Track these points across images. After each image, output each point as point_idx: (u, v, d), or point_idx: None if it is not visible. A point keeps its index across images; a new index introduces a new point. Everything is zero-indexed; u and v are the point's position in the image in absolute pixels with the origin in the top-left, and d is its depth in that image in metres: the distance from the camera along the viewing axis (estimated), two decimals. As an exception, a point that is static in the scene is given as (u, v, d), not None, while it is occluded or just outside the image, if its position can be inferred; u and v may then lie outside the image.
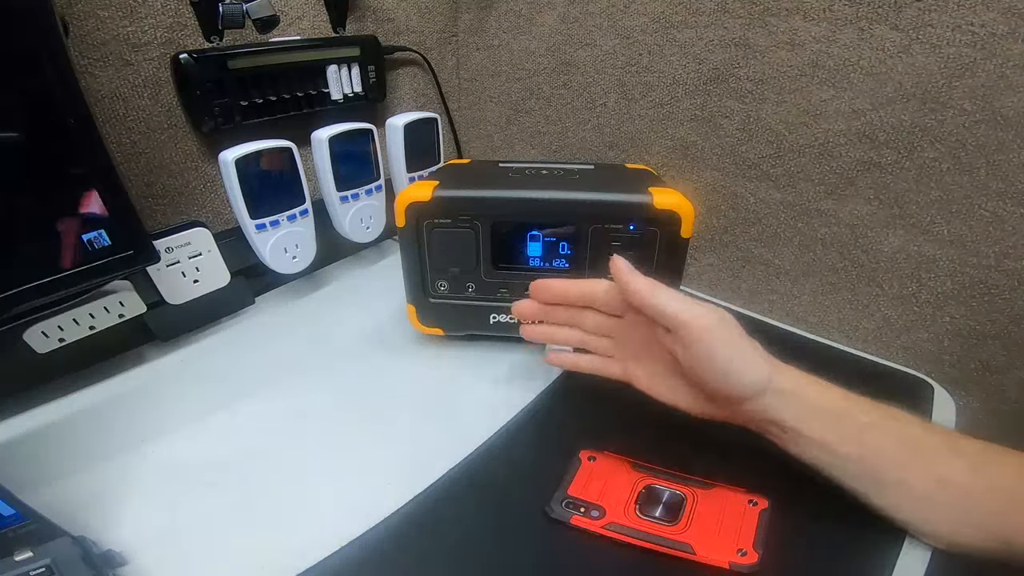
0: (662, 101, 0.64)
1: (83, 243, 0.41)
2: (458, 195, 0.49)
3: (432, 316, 0.54)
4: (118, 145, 0.51)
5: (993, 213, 0.48)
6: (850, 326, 0.60)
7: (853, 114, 0.52)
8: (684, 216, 0.46)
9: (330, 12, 0.63)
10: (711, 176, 0.63)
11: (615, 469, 0.42)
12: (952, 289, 0.53)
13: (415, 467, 0.43)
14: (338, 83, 0.64)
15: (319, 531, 0.38)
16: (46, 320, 0.46)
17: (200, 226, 0.55)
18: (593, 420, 0.48)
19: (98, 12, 0.47)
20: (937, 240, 0.52)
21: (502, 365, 0.55)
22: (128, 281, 0.50)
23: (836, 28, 0.50)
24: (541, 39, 0.71)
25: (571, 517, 0.38)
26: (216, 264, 0.57)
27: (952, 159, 0.48)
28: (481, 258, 0.51)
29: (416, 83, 0.77)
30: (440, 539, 0.38)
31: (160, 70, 0.52)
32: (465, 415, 0.49)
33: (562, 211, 0.48)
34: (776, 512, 0.38)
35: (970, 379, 0.54)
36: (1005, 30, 0.43)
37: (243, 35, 0.56)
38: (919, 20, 0.46)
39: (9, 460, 0.44)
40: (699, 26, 0.58)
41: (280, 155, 0.56)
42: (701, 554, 0.35)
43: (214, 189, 0.60)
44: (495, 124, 0.82)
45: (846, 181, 0.54)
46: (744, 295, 0.66)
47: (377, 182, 0.66)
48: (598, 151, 0.72)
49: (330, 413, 0.49)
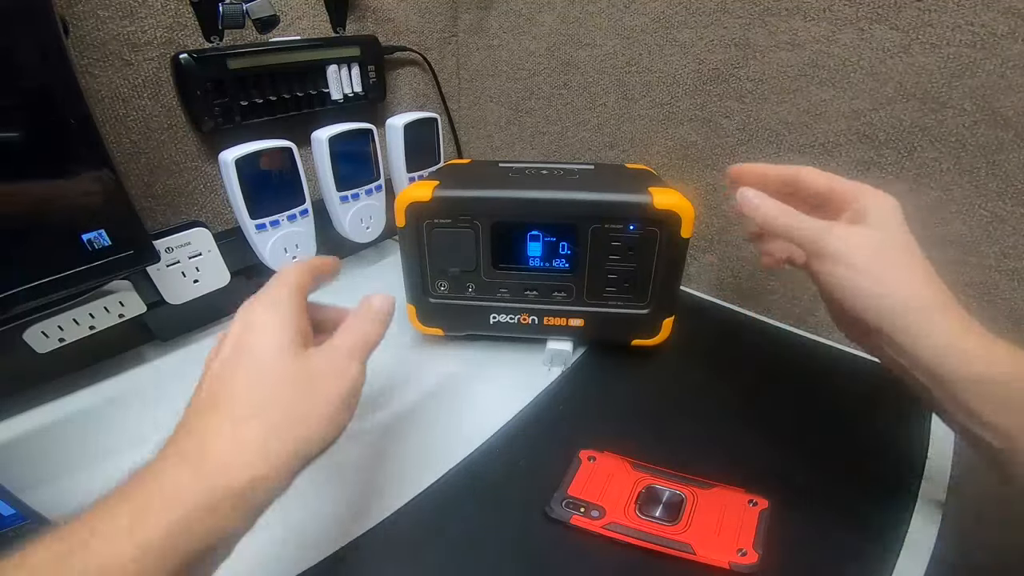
0: (662, 101, 0.64)
1: (83, 243, 0.41)
2: (458, 195, 0.49)
3: (432, 316, 0.54)
4: (118, 145, 0.51)
5: (993, 213, 0.48)
6: (850, 326, 0.60)
7: (853, 114, 0.52)
8: (684, 216, 0.46)
9: (330, 12, 0.63)
10: (711, 176, 0.63)
11: (615, 469, 0.42)
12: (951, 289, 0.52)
13: (415, 467, 0.43)
14: (338, 83, 0.64)
15: (318, 531, 0.38)
16: (46, 320, 0.46)
17: (200, 226, 0.55)
18: (593, 420, 0.48)
19: (98, 12, 0.47)
20: (937, 240, 0.52)
21: (502, 365, 0.55)
22: (128, 281, 0.50)
23: (836, 28, 0.50)
24: (541, 39, 0.71)
25: (571, 517, 0.38)
26: (216, 264, 0.57)
27: (952, 159, 0.48)
28: (481, 258, 0.51)
29: (416, 83, 0.77)
30: (440, 539, 0.38)
31: (160, 70, 0.52)
32: (465, 415, 0.49)
33: (562, 211, 0.48)
34: (776, 512, 0.38)
35: (970, 379, 0.54)
36: (1005, 30, 0.43)
37: (243, 35, 0.56)
38: (919, 20, 0.46)
39: (9, 460, 0.44)
40: (699, 26, 0.58)
41: (280, 155, 0.56)
42: (701, 554, 0.35)
43: (214, 189, 0.60)
44: (495, 124, 0.82)
45: (846, 181, 0.54)
46: (744, 295, 0.66)
47: (377, 182, 0.66)
48: (598, 151, 0.72)
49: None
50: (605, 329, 0.53)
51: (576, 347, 0.56)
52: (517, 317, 0.53)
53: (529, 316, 0.53)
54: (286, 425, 0.24)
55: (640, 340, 0.53)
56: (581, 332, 0.53)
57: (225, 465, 0.22)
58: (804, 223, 0.34)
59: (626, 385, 0.52)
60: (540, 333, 0.54)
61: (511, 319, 0.53)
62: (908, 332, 0.31)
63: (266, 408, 0.24)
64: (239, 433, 0.23)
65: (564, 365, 0.54)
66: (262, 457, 0.23)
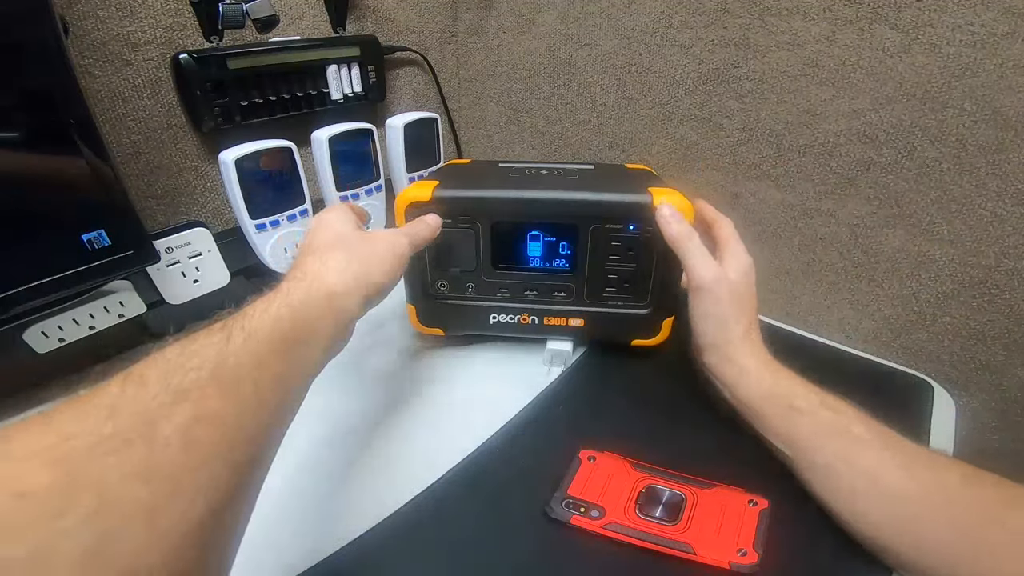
0: (662, 101, 0.64)
1: (83, 243, 0.41)
2: (458, 195, 0.49)
3: (432, 316, 0.54)
4: (118, 145, 0.51)
5: (993, 213, 0.48)
6: (850, 326, 0.60)
7: (853, 114, 0.52)
8: (684, 216, 0.46)
9: (330, 12, 0.63)
10: (711, 176, 0.63)
11: (615, 469, 0.42)
12: (952, 289, 0.53)
13: (415, 467, 0.43)
14: (338, 83, 0.64)
15: (318, 531, 0.38)
16: (46, 320, 0.46)
17: (200, 226, 0.55)
18: (593, 420, 0.48)
19: (98, 12, 0.47)
20: (937, 240, 0.52)
21: (502, 365, 0.55)
22: (128, 281, 0.50)
23: (836, 28, 0.50)
24: (541, 39, 0.71)
25: (571, 517, 0.38)
26: (216, 264, 0.57)
27: (952, 159, 0.48)
28: (481, 258, 0.51)
29: (416, 83, 0.77)
30: (440, 539, 0.38)
31: (160, 70, 0.52)
32: (465, 415, 0.49)
33: (562, 211, 0.48)
34: (776, 512, 0.38)
35: (970, 379, 0.55)
36: (1005, 30, 0.43)
37: (243, 35, 0.56)
38: (919, 20, 0.46)
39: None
40: (699, 26, 0.58)
41: (280, 155, 0.56)
42: (701, 554, 0.35)
43: (214, 189, 0.60)
44: (495, 124, 0.82)
45: (846, 181, 0.54)
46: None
47: (377, 182, 0.66)
48: (598, 151, 0.72)
49: (329, 413, 0.49)
50: (605, 329, 0.53)
51: (576, 347, 0.56)
52: (517, 317, 0.53)
53: (529, 316, 0.53)
54: (355, 260, 0.36)
55: (640, 340, 0.53)
56: (581, 332, 0.53)
57: (318, 277, 0.33)
58: (693, 250, 0.43)
59: (626, 385, 0.52)
60: (540, 333, 0.54)
61: (511, 319, 0.53)
62: (722, 355, 0.42)
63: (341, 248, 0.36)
64: (326, 261, 0.35)
65: (564, 365, 0.54)
66: (339, 275, 0.34)
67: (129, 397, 0.22)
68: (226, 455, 0.23)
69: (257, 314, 0.29)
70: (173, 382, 0.23)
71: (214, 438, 0.23)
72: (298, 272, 0.34)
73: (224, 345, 0.26)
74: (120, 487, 0.19)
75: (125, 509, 0.19)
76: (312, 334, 0.31)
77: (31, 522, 0.17)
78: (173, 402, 0.22)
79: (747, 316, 0.42)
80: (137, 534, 0.19)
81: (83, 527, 0.17)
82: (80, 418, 0.20)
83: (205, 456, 0.22)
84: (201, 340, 0.26)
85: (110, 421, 0.20)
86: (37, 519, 0.17)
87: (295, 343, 0.29)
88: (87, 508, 0.18)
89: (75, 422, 0.20)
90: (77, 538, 0.17)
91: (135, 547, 0.19)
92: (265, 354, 0.27)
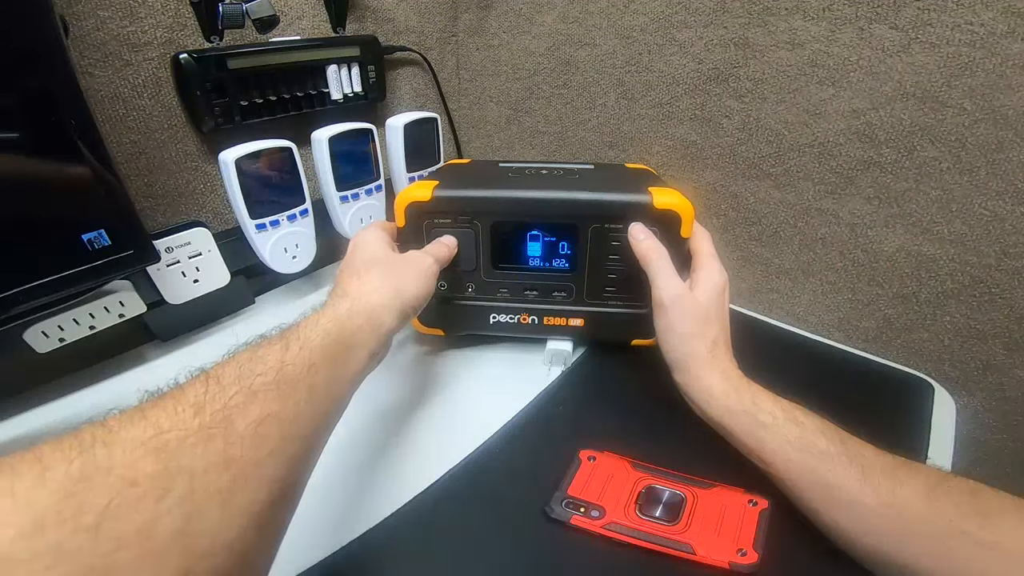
0: (662, 101, 0.64)
1: (83, 243, 0.41)
2: (458, 195, 0.49)
3: (432, 316, 0.54)
4: (118, 145, 0.51)
5: (993, 212, 0.48)
6: (850, 326, 0.60)
7: (853, 113, 0.52)
8: (684, 216, 0.46)
9: (330, 12, 0.63)
10: (711, 176, 0.63)
11: (615, 469, 0.42)
12: (952, 288, 0.53)
13: (415, 467, 0.43)
14: (338, 83, 0.64)
15: (319, 531, 0.38)
16: (46, 320, 0.46)
17: (200, 226, 0.55)
18: (593, 420, 0.48)
19: (98, 12, 0.47)
20: (937, 239, 0.52)
21: (502, 365, 0.55)
22: (128, 281, 0.50)
23: (836, 28, 0.50)
24: (541, 39, 0.71)
25: (571, 517, 0.38)
26: (216, 264, 0.57)
27: (952, 158, 0.48)
28: (481, 258, 0.51)
29: (416, 83, 0.77)
30: (440, 539, 0.38)
31: (160, 70, 0.52)
32: (465, 415, 0.49)
33: (562, 211, 0.48)
34: (776, 512, 0.38)
35: (970, 379, 0.54)
36: (1005, 30, 0.43)
37: (243, 35, 0.56)
38: (919, 19, 0.46)
39: (9, 460, 0.44)
40: (699, 26, 0.58)
41: (280, 155, 0.56)
42: (701, 554, 0.35)
43: (214, 189, 0.60)
44: (495, 124, 0.82)
45: (846, 180, 0.54)
46: (744, 294, 0.66)
47: (377, 182, 0.66)
48: (598, 151, 0.72)
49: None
50: (605, 329, 0.53)
51: (576, 347, 0.56)
52: (517, 317, 0.53)
53: (529, 316, 0.53)
54: (391, 278, 0.39)
55: (640, 340, 0.53)
56: (581, 332, 0.53)
57: (359, 295, 0.37)
58: (660, 268, 0.43)
59: (626, 385, 0.52)
60: (540, 333, 0.54)
61: (511, 319, 0.53)
62: (688, 372, 0.41)
63: (377, 268, 0.40)
64: (364, 280, 0.39)
65: (564, 365, 0.54)
66: (378, 293, 0.38)
67: (212, 396, 0.25)
68: (285, 450, 0.27)
69: (309, 327, 0.32)
70: (245, 384, 0.27)
71: (275, 435, 0.26)
72: (340, 290, 0.38)
73: (283, 353, 0.30)
74: (204, 475, 0.23)
75: (207, 493, 0.22)
76: (355, 346, 0.34)
77: (138, 502, 0.20)
78: (246, 402, 0.26)
79: (712, 333, 0.41)
80: (214, 516, 0.22)
81: (176, 508, 0.21)
82: (172, 413, 0.24)
83: (270, 450, 0.26)
84: (265, 347, 0.30)
85: (197, 417, 0.24)
86: (143, 500, 0.20)
87: (340, 354, 0.33)
88: (180, 492, 0.21)
89: (168, 417, 0.24)
90: (172, 517, 0.21)
91: (212, 527, 0.22)
92: (316, 362, 0.30)
